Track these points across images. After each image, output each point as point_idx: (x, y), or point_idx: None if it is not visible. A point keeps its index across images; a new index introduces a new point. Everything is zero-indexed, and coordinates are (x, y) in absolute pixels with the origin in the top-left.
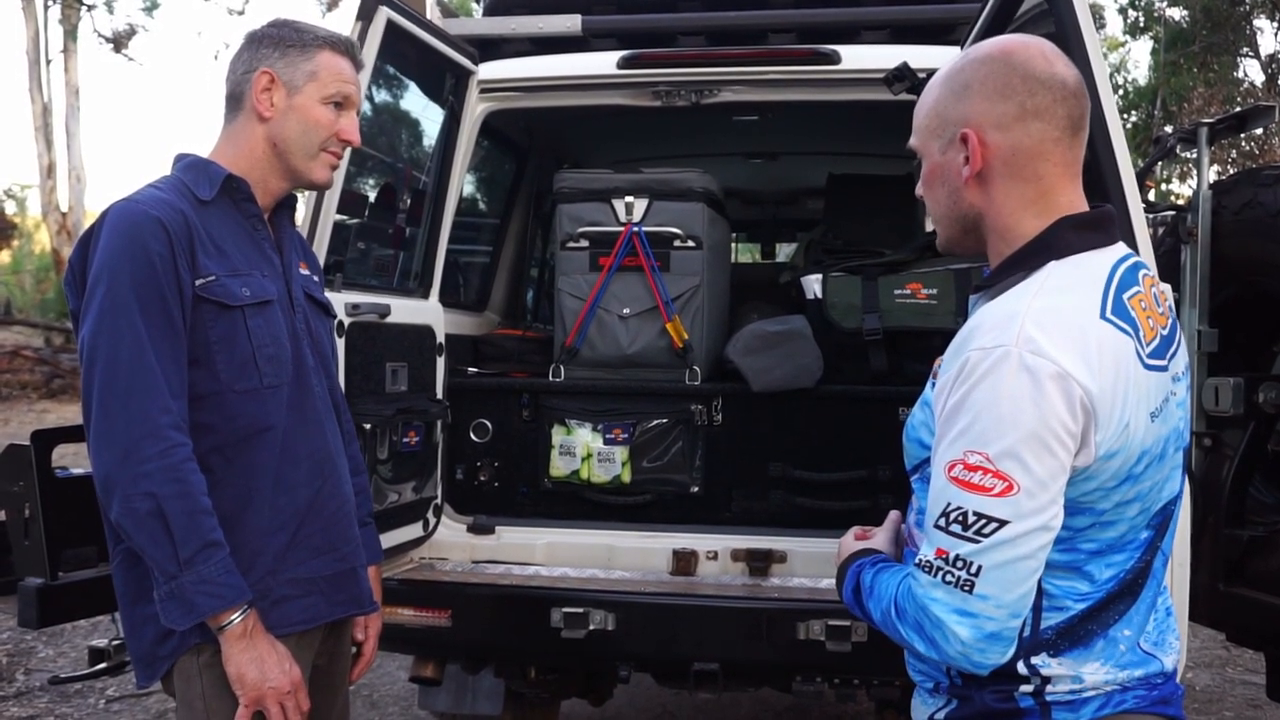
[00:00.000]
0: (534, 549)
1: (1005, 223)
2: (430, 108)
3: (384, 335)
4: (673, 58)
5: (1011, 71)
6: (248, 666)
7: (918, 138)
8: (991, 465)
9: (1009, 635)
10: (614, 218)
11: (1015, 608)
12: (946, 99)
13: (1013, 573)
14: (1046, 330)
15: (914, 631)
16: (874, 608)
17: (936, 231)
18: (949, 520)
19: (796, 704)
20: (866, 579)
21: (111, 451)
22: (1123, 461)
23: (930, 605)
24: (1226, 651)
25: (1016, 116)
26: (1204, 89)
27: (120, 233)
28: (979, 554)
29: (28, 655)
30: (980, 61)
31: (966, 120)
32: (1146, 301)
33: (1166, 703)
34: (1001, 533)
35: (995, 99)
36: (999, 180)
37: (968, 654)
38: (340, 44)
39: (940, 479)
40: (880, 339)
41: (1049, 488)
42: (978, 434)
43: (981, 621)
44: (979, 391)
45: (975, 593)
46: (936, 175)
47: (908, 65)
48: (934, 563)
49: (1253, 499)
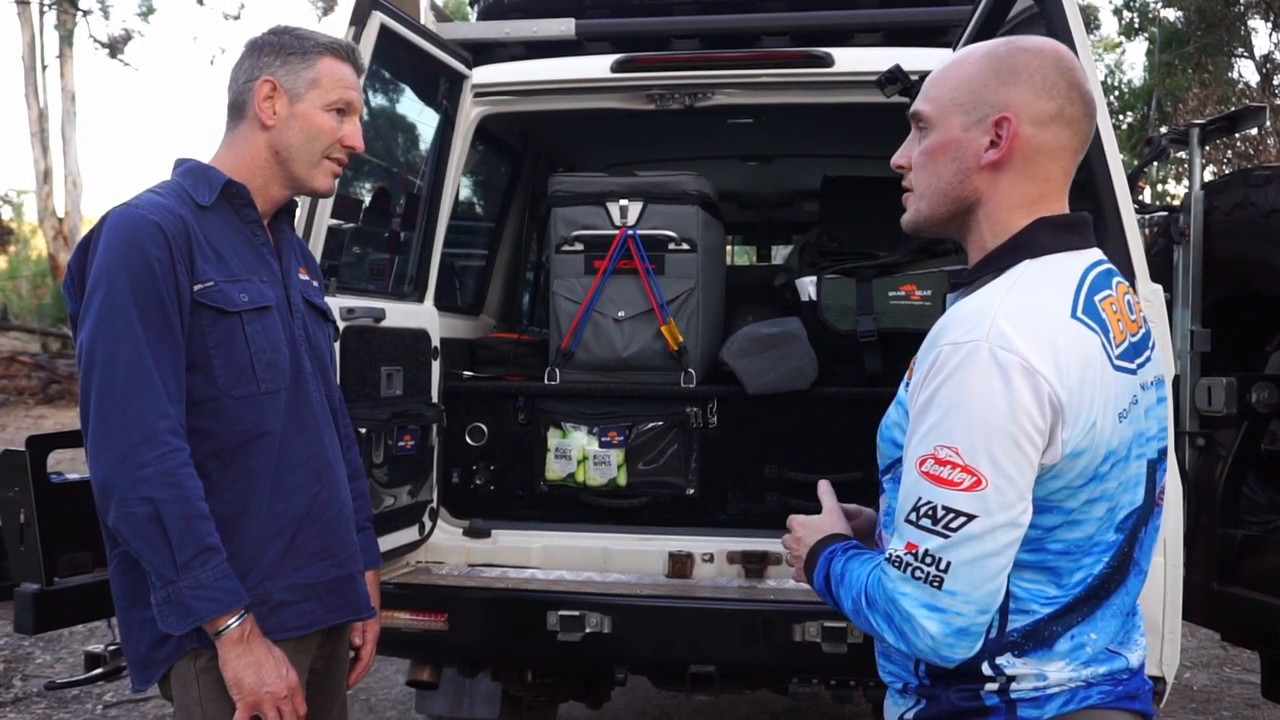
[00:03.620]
0: (530, 552)
1: (1000, 216)
2: (425, 112)
3: (379, 339)
4: (666, 61)
5: (1060, 74)
6: (245, 671)
7: (935, 107)
8: (960, 460)
9: (977, 630)
10: (609, 221)
11: (984, 604)
12: (988, 78)
13: (981, 569)
14: (1017, 326)
15: (884, 622)
16: (845, 596)
17: (914, 206)
18: (919, 515)
19: (793, 706)
20: (837, 567)
21: (109, 456)
22: (1089, 461)
23: (899, 599)
24: (1224, 651)
25: (1053, 117)
26: (1199, 90)
27: (119, 237)
28: (947, 549)
29: (25, 661)
30: (1032, 53)
31: (1008, 106)
32: (1118, 305)
33: (1133, 697)
34: (970, 527)
35: (1041, 94)
36: (1012, 173)
37: (936, 649)
38: (342, 50)
39: (911, 474)
40: (875, 341)
41: (1017, 484)
42: (948, 429)
43: (950, 617)
44: (949, 386)
45: (944, 588)
46: (948, 149)
47: (900, 68)
48: (904, 557)
49: (1246, 499)
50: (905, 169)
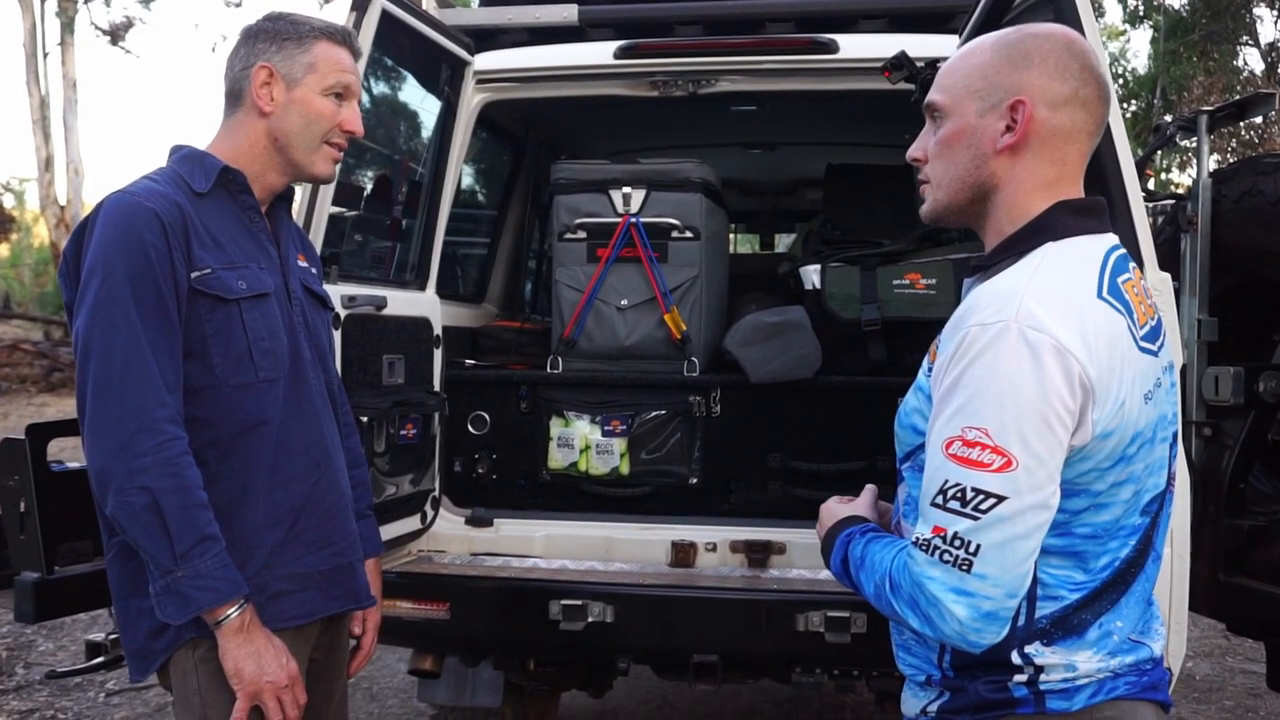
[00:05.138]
0: (532, 541)
1: (1018, 200)
2: (426, 99)
3: (381, 327)
4: (670, 47)
5: (1073, 56)
6: (245, 661)
7: (948, 96)
8: (990, 440)
9: (1005, 615)
10: (611, 209)
11: (1012, 587)
12: (1001, 64)
13: (1011, 552)
14: (1046, 306)
15: (909, 608)
16: (866, 581)
17: (932, 196)
18: (947, 497)
19: (796, 695)
20: (857, 550)
21: (106, 445)
22: (1117, 441)
23: (927, 584)
24: (1226, 641)
25: (1068, 99)
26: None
27: (115, 225)
28: (977, 531)
29: (28, 649)
30: (1043, 38)
31: (1023, 90)
32: (1138, 288)
33: (1155, 688)
34: (1000, 509)
35: (1055, 77)
36: (1029, 157)
37: (964, 633)
38: (337, 34)
39: (937, 456)
40: (879, 329)
41: (1047, 464)
42: (976, 409)
43: (979, 601)
44: (977, 367)
45: (973, 572)
46: (964, 137)
47: (905, 54)
48: (931, 541)
49: (1253, 489)
50: (921, 161)
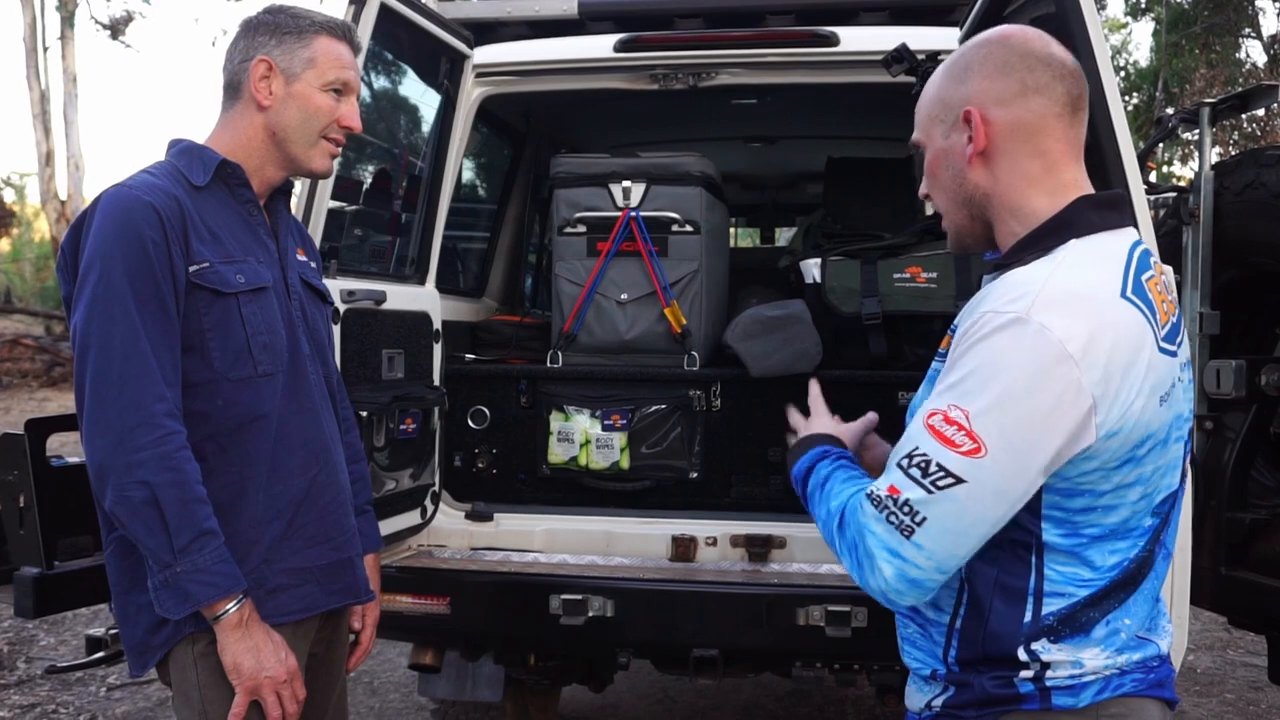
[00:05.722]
0: (532, 536)
1: (1014, 200)
2: (426, 92)
3: (380, 322)
4: (670, 40)
5: (1010, 51)
6: (244, 656)
7: (920, 130)
8: (968, 424)
9: (931, 585)
10: (611, 203)
11: (944, 565)
12: (947, 84)
13: (953, 533)
14: (1062, 305)
15: (848, 550)
16: (819, 504)
17: (947, 231)
18: (911, 462)
19: (796, 689)
20: (823, 470)
21: (105, 439)
22: (1122, 442)
23: (867, 535)
24: (1228, 634)
25: (1017, 92)
26: (1206, 70)
27: (113, 218)
28: (927, 504)
29: (29, 644)
30: (978, 45)
31: (968, 100)
32: (1160, 285)
33: (1162, 686)
34: (955, 490)
35: (995, 76)
36: (1003, 157)
37: (886, 592)
38: (337, 29)
39: (918, 423)
40: (879, 323)
41: (1020, 461)
42: (965, 390)
43: (908, 567)
44: (978, 351)
45: (912, 540)
46: (941, 161)
47: (906, 47)
48: (883, 498)
49: (1255, 482)
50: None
